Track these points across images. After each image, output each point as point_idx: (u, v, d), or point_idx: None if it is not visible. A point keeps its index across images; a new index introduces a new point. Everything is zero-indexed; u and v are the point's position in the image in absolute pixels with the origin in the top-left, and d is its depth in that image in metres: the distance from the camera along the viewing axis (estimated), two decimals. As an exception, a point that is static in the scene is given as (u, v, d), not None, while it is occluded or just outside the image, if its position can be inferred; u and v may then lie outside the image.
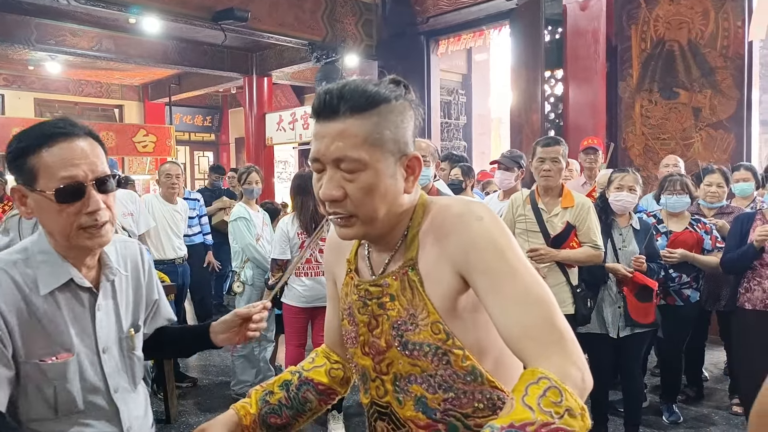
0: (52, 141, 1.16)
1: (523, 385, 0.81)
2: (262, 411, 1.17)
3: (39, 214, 1.19)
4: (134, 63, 9.57)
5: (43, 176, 1.15)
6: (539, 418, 0.77)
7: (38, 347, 1.18)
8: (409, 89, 1.04)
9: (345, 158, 0.96)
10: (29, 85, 12.09)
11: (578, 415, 0.79)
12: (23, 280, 1.18)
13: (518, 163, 3.89)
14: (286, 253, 3.73)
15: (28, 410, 1.19)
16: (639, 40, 5.92)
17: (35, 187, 1.16)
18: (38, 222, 1.22)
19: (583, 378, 0.85)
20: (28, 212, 1.20)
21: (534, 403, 0.78)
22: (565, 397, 0.79)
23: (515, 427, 0.76)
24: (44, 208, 1.17)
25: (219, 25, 6.70)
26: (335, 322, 1.25)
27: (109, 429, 1.28)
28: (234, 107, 14.46)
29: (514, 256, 0.95)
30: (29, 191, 1.17)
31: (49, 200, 1.15)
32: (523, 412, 0.78)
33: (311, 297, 3.67)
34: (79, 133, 1.19)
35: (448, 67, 9.16)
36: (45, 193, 1.15)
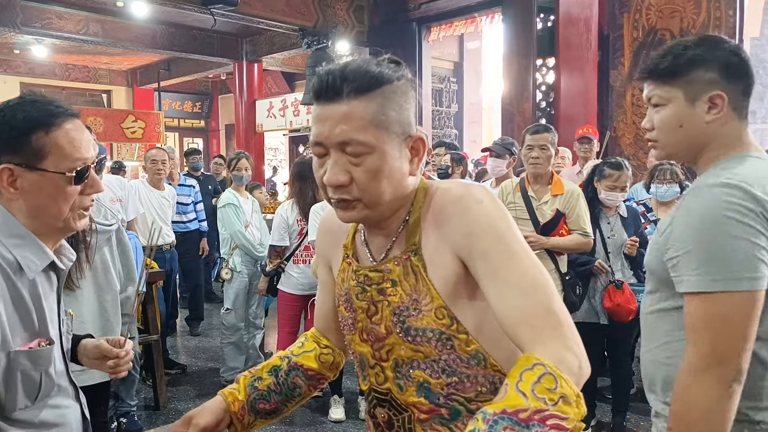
0: (60, 120, 1.12)
1: (518, 371, 0.80)
2: (250, 397, 1.16)
3: (34, 195, 1.12)
4: (122, 47, 9.46)
5: (53, 156, 1.11)
6: (532, 404, 0.76)
7: (28, 333, 1.15)
8: (408, 70, 1.02)
9: (351, 141, 0.93)
10: (15, 69, 11.93)
11: (573, 402, 0.78)
12: (7, 266, 1.12)
13: (510, 150, 3.88)
14: (285, 240, 3.71)
15: (13, 401, 1.15)
16: (631, 29, 5.92)
17: (41, 166, 1.11)
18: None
19: (580, 365, 0.84)
20: (13, 194, 1.12)
21: (528, 389, 0.77)
22: (560, 384, 0.78)
23: (508, 413, 0.75)
24: (45, 189, 1.12)
25: (208, 9, 6.61)
26: (327, 306, 1.24)
27: (74, 406, 1.28)
28: (224, 93, 14.34)
29: (513, 240, 0.93)
30: (27, 171, 1.11)
31: (58, 181, 1.12)
32: (517, 398, 0.77)
33: (308, 284, 3.68)
34: (78, 114, 1.17)
35: (440, 55, 9.12)
36: (57, 173, 1.11)
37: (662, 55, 1.26)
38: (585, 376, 0.85)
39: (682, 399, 1.13)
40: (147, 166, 4.72)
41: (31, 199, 1.13)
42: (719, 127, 1.21)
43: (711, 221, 1.10)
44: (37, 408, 1.19)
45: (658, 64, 1.25)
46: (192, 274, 5.58)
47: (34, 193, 1.12)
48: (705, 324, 1.10)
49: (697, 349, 1.11)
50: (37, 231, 1.16)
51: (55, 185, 1.12)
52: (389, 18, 8.00)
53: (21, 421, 1.16)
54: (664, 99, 1.24)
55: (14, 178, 1.11)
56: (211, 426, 1.09)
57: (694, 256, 1.12)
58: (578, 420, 0.78)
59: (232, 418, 1.13)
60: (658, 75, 1.25)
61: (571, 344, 0.85)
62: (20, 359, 1.13)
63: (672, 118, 1.23)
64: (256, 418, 1.16)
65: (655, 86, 1.26)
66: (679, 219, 1.18)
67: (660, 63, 1.25)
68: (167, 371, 4.18)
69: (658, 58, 1.26)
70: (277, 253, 3.77)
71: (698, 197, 1.15)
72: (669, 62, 1.23)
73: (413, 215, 1.02)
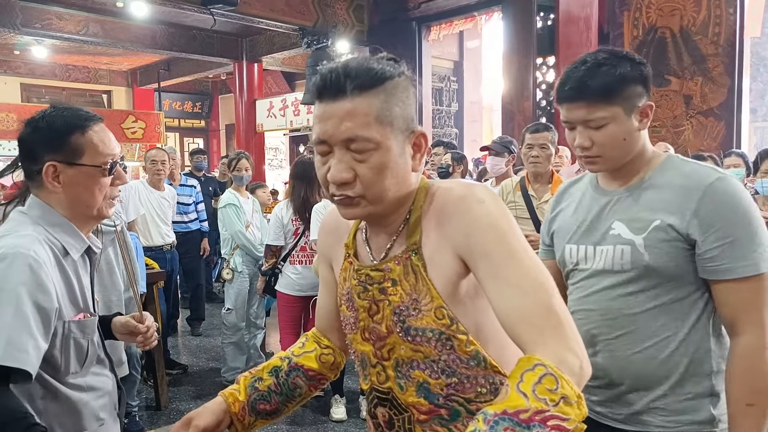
0: (92, 123, 1.33)
1: (519, 371, 0.80)
2: (251, 398, 1.16)
3: (73, 189, 1.31)
4: (122, 48, 9.44)
5: (89, 153, 1.31)
6: (533, 405, 0.75)
7: (74, 308, 1.33)
8: (407, 66, 1.02)
9: (356, 138, 0.93)
10: (15, 69, 11.91)
11: (574, 402, 0.77)
12: (56, 249, 1.30)
13: (508, 149, 3.88)
14: (281, 239, 3.70)
15: (68, 366, 1.32)
16: (631, 27, 5.91)
17: (79, 162, 1.30)
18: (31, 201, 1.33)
19: (581, 365, 0.83)
20: (56, 187, 1.30)
21: (529, 390, 0.77)
22: (561, 385, 0.78)
23: (508, 414, 0.75)
24: (83, 182, 1.32)
25: (208, 9, 6.60)
26: (328, 306, 1.23)
27: (110, 376, 1.47)
28: (224, 93, 14.32)
29: (514, 240, 0.93)
30: (68, 167, 1.30)
31: (94, 174, 1.32)
32: (518, 398, 0.76)
33: (305, 285, 3.65)
34: (102, 119, 1.38)
35: (440, 54, 9.11)
36: (93, 167, 1.31)
37: (589, 74, 1.26)
38: (586, 377, 0.84)
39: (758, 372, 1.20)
40: (147, 167, 4.73)
41: (70, 191, 1.32)
42: (643, 133, 1.32)
43: (744, 209, 1.20)
44: (84, 373, 1.37)
45: (589, 85, 1.26)
46: (193, 274, 5.58)
47: (73, 185, 1.32)
48: (760, 301, 1.21)
49: (759, 324, 1.20)
50: (73, 220, 1.35)
51: (91, 178, 1.32)
52: (389, 17, 7.99)
53: (73, 384, 1.35)
54: (608, 118, 1.27)
55: (57, 174, 1.30)
56: (212, 427, 1.09)
57: (741, 243, 1.19)
58: (579, 421, 0.78)
59: (233, 419, 1.13)
60: (595, 96, 1.26)
61: (573, 344, 0.85)
62: (73, 328, 1.31)
63: (618, 134, 1.28)
64: (257, 418, 1.16)
65: (594, 108, 1.26)
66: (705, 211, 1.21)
67: (590, 83, 1.25)
68: (168, 371, 4.18)
69: (581, 80, 1.26)
70: (273, 252, 3.75)
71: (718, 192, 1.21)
72: (602, 82, 1.25)
73: (414, 214, 1.02)
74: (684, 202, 1.23)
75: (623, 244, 1.29)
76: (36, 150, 1.30)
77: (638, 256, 1.26)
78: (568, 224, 1.43)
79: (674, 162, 1.32)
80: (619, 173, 1.35)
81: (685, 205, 1.23)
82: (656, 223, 1.25)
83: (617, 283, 1.30)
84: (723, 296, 1.24)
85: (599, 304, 1.33)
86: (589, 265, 1.35)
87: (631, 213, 1.30)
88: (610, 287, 1.31)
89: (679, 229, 1.23)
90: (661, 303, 1.27)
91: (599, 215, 1.36)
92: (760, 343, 1.21)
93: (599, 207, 1.37)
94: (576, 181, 1.52)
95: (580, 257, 1.37)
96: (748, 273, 1.20)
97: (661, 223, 1.25)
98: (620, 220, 1.31)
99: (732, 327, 1.24)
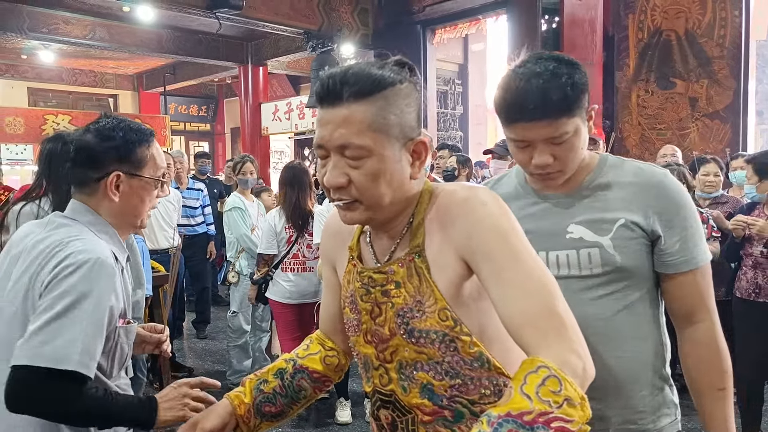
0: (153, 138, 1.40)
1: (522, 374, 0.80)
2: (256, 400, 1.16)
3: (129, 198, 1.36)
4: (128, 52, 9.49)
5: (150, 166, 1.37)
6: (537, 407, 0.76)
7: (123, 312, 1.35)
8: (414, 71, 1.02)
9: (349, 145, 0.94)
10: (22, 74, 11.98)
11: (578, 404, 0.78)
12: (113, 255, 1.32)
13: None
14: (273, 248, 3.62)
15: (112, 369, 1.34)
16: (636, 30, 5.90)
17: (140, 173, 1.36)
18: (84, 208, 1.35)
19: (584, 367, 0.84)
20: (115, 196, 1.34)
21: (532, 392, 0.77)
22: (564, 387, 0.78)
23: (512, 416, 0.75)
24: (139, 193, 1.37)
25: (214, 13, 6.64)
26: (332, 308, 1.24)
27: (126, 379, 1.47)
28: (229, 97, 14.38)
29: (517, 242, 0.94)
30: (131, 177, 1.35)
31: (150, 185, 1.38)
32: (521, 401, 0.77)
33: (297, 293, 3.59)
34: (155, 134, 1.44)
35: (445, 57, 9.12)
36: (151, 179, 1.38)
37: (548, 91, 1.15)
38: (589, 378, 0.85)
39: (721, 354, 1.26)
40: (152, 170, 4.73)
41: (126, 201, 1.36)
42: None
43: (690, 203, 1.26)
44: (119, 376, 1.39)
45: (553, 101, 1.15)
46: (199, 277, 5.60)
47: (131, 196, 1.36)
48: (709, 289, 1.27)
49: (711, 310, 1.27)
50: (118, 228, 1.39)
51: (146, 189, 1.38)
52: (393, 20, 8.01)
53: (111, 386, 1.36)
54: (573, 130, 1.19)
55: (119, 183, 1.34)
56: (218, 429, 1.10)
57: (692, 233, 1.24)
58: (583, 423, 0.78)
59: (238, 421, 1.14)
60: (559, 111, 1.16)
61: (576, 346, 0.85)
62: (121, 334, 1.34)
63: (579, 145, 1.23)
64: (262, 420, 1.17)
65: (558, 124, 1.17)
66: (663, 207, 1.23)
67: (553, 98, 1.15)
68: (174, 374, 4.19)
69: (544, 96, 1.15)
70: (266, 261, 3.67)
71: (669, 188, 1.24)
72: (563, 95, 1.16)
73: (417, 217, 1.02)
74: (642, 200, 1.23)
75: (589, 247, 1.24)
76: (102, 158, 1.33)
77: (609, 258, 1.23)
78: None
79: (611, 161, 1.31)
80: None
81: (644, 202, 1.23)
82: (620, 222, 1.23)
83: (586, 288, 1.25)
84: (679, 288, 1.26)
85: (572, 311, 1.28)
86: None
87: (588, 215, 1.26)
88: (578, 293, 1.25)
89: (644, 226, 1.23)
90: (629, 303, 1.26)
91: (549, 220, 1.30)
92: (716, 328, 1.26)
93: (546, 212, 1.31)
94: (496, 182, 1.44)
95: None
96: (701, 263, 1.25)
97: (626, 222, 1.23)
98: (578, 224, 1.26)
99: (689, 317, 1.27)
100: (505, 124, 1.23)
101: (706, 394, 1.26)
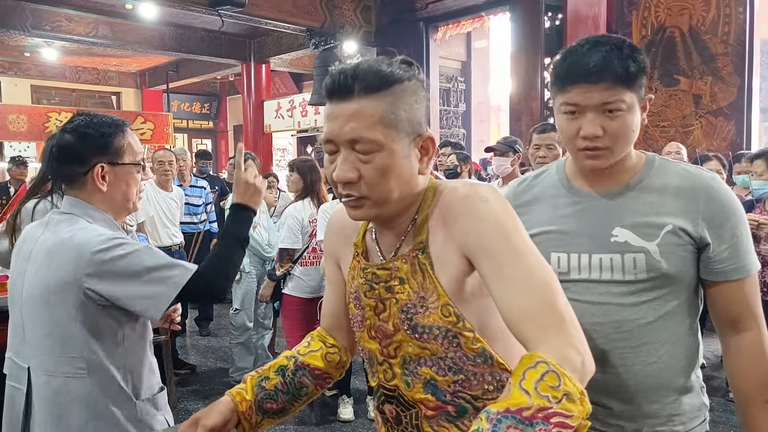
0: (127, 126, 1.51)
1: (521, 369, 0.80)
2: (258, 397, 1.16)
3: (117, 185, 1.47)
4: (131, 49, 9.50)
5: (128, 153, 1.48)
6: (536, 402, 0.76)
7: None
8: (420, 70, 1.03)
9: (360, 139, 0.95)
10: (26, 71, 12.01)
11: (577, 399, 0.78)
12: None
13: (513, 148, 3.87)
14: (299, 243, 3.58)
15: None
16: (639, 27, 5.88)
17: (121, 161, 1.46)
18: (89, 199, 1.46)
19: (583, 362, 0.84)
20: (103, 186, 1.44)
21: (531, 387, 0.77)
22: (563, 382, 0.78)
23: (511, 411, 0.75)
24: (124, 179, 1.48)
25: (216, 10, 6.64)
26: (335, 305, 1.24)
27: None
28: (232, 94, 14.38)
29: (518, 238, 0.94)
30: (113, 166, 1.45)
31: (132, 170, 1.49)
32: (520, 396, 0.77)
33: (315, 287, 3.58)
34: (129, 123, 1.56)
35: (448, 54, 9.10)
36: (132, 164, 1.48)
37: (611, 57, 1.15)
38: (589, 373, 0.85)
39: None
40: (154, 168, 4.75)
41: (114, 188, 1.47)
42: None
43: (735, 208, 1.21)
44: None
45: (615, 66, 1.15)
46: (201, 274, 5.59)
47: (117, 183, 1.47)
48: (756, 298, 1.24)
49: (759, 318, 1.23)
50: (113, 215, 1.49)
51: (129, 174, 1.49)
52: (396, 18, 8.00)
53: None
54: (627, 104, 1.17)
55: (104, 173, 1.45)
56: (219, 426, 1.10)
57: (743, 242, 1.21)
58: (583, 417, 0.78)
59: (240, 418, 1.14)
60: (619, 78, 1.15)
61: (575, 341, 0.85)
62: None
63: (631, 125, 1.19)
64: (264, 417, 1.17)
65: (616, 91, 1.16)
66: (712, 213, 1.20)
67: (616, 64, 1.15)
68: (177, 371, 4.19)
69: (606, 59, 1.15)
70: (290, 256, 3.63)
71: (718, 192, 1.21)
72: (626, 65, 1.15)
73: (421, 214, 1.03)
74: (690, 205, 1.19)
75: (635, 252, 1.21)
76: (83, 154, 1.43)
77: (654, 264, 1.20)
78: (550, 229, 1.30)
79: (659, 162, 1.26)
80: (599, 174, 1.26)
81: (692, 207, 1.19)
82: (668, 228, 1.19)
83: (628, 293, 1.22)
84: (726, 296, 1.22)
85: (609, 316, 1.23)
86: (586, 275, 1.25)
87: (635, 218, 1.22)
88: (618, 297, 1.23)
89: (692, 233, 1.19)
90: (669, 309, 1.23)
91: (591, 221, 1.26)
92: (763, 337, 1.23)
93: (586, 212, 1.27)
94: (535, 177, 1.40)
95: (572, 266, 1.26)
96: (751, 271, 1.22)
97: (673, 228, 1.19)
98: (623, 227, 1.22)
99: (735, 324, 1.23)
100: (561, 89, 1.21)
101: (747, 403, 1.23)
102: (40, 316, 1.38)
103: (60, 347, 1.37)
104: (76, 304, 1.35)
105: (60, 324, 1.36)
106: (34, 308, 1.39)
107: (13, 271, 1.49)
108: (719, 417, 3.63)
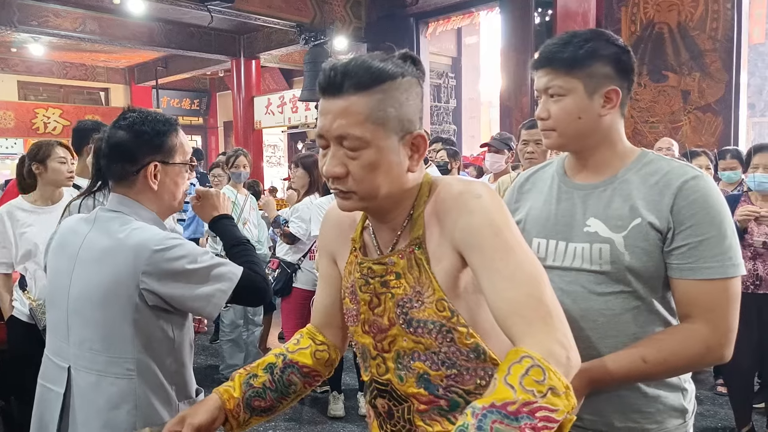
0: (178, 126, 1.49)
1: (507, 364, 0.81)
2: (245, 394, 1.16)
3: (166, 185, 1.46)
4: (119, 45, 9.42)
5: (179, 153, 1.47)
6: (521, 397, 0.76)
7: None
8: (419, 64, 1.03)
9: (347, 136, 0.96)
10: (12, 67, 11.88)
11: (562, 393, 0.78)
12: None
13: (508, 145, 3.88)
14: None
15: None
16: (629, 23, 5.91)
17: (173, 161, 1.45)
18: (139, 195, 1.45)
19: (568, 356, 0.84)
20: (154, 184, 1.43)
21: (516, 382, 0.78)
22: (548, 376, 0.79)
23: (496, 406, 0.76)
24: (174, 178, 1.47)
25: (205, 6, 6.60)
26: (325, 301, 1.24)
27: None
28: (222, 90, 14.31)
29: (509, 234, 0.94)
30: (165, 165, 1.44)
31: (182, 170, 1.48)
32: (505, 391, 0.77)
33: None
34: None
35: (438, 50, 9.11)
36: (182, 164, 1.48)
37: (561, 45, 1.23)
38: (574, 368, 0.85)
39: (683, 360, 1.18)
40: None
41: (164, 187, 1.46)
42: (609, 122, 1.27)
43: (717, 210, 1.17)
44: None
45: (559, 53, 1.23)
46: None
47: (168, 182, 1.46)
48: (729, 304, 1.17)
49: (716, 327, 1.16)
50: (159, 214, 1.48)
51: (180, 174, 1.48)
52: (386, 13, 7.99)
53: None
54: (565, 90, 1.23)
55: (156, 172, 1.43)
56: (206, 424, 1.09)
57: (710, 244, 1.16)
58: (568, 411, 0.78)
59: (228, 416, 1.13)
60: (559, 65, 1.23)
61: (560, 336, 0.86)
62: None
63: (573, 109, 1.24)
64: (252, 415, 1.17)
65: (555, 76, 1.24)
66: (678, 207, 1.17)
67: (560, 52, 1.23)
68: (167, 369, 4.18)
69: (556, 47, 1.24)
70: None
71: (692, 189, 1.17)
72: (570, 53, 1.22)
73: (417, 209, 1.04)
74: (663, 200, 1.19)
75: (601, 242, 1.22)
76: (137, 152, 1.41)
77: (618, 256, 1.20)
78: (536, 215, 1.35)
79: (649, 158, 1.27)
80: (588, 164, 1.29)
81: (664, 202, 1.18)
82: (636, 221, 1.19)
83: (595, 282, 1.23)
84: (684, 294, 1.19)
85: (577, 303, 1.24)
86: (559, 262, 1.28)
87: (609, 210, 1.23)
88: (587, 285, 1.24)
89: (660, 228, 1.18)
90: (639, 304, 1.22)
91: (571, 210, 1.29)
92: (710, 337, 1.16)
93: (570, 200, 1.30)
94: (540, 168, 1.45)
95: (549, 252, 1.30)
96: (713, 275, 1.15)
97: (642, 222, 1.19)
98: (596, 217, 1.24)
99: (687, 318, 1.19)
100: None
101: (632, 353, 1.18)
102: (92, 315, 1.35)
103: (111, 348, 1.34)
104: (130, 304, 1.33)
105: (112, 324, 1.33)
106: (85, 308, 1.36)
107: (56, 268, 1.46)
108: (707, 410, 3.67)
